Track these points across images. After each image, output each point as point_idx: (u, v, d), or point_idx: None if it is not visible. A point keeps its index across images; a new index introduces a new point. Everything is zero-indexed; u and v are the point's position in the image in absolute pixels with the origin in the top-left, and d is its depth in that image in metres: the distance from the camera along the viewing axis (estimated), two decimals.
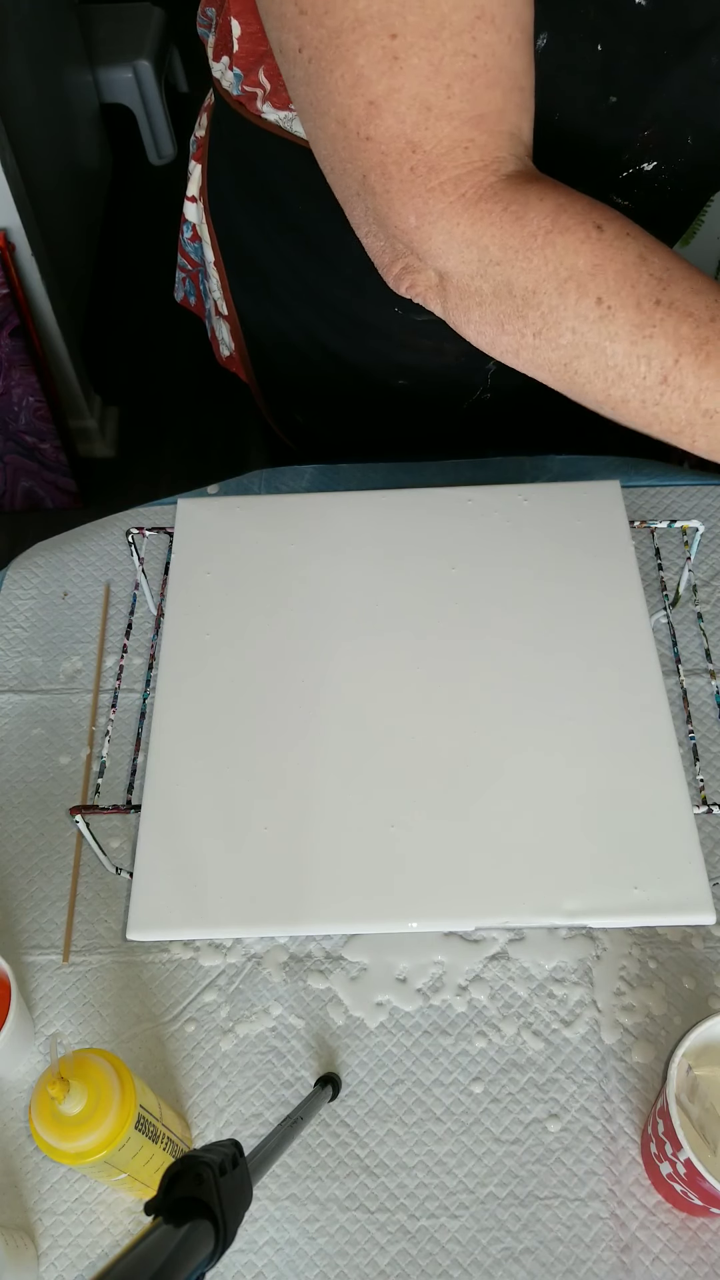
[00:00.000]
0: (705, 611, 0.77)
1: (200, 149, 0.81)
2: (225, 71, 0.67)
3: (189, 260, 0.89)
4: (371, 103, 0.44)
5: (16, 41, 1.79)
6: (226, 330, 0.87)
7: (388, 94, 0.44)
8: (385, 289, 0.68)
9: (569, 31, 0.52)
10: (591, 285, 0.44)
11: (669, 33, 0.53)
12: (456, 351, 0.76)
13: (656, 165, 0.60)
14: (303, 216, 0.71)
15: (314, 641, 0.64)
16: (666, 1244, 0.56)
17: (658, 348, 0.45)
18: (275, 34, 0.48)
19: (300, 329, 0.81)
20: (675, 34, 0.53)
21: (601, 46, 0.52)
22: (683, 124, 0.58)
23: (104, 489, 1.99)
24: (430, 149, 0.45)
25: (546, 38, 0.51)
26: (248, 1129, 0.60)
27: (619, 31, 0.52)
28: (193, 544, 0.69)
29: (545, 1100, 0.60)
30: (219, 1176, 0.37)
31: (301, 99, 0.48)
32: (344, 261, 0.71)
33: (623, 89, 0.55)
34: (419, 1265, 0.56)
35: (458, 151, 0.45)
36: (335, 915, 0.54)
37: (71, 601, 0.82)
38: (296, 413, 0.90)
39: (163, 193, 2.54)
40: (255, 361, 0.87)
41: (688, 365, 0.45)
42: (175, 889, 0.55)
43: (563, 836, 0.55)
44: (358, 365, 0.80)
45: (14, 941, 0.67)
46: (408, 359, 0.78)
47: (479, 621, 0.64)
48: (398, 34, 0.43)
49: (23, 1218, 0.58)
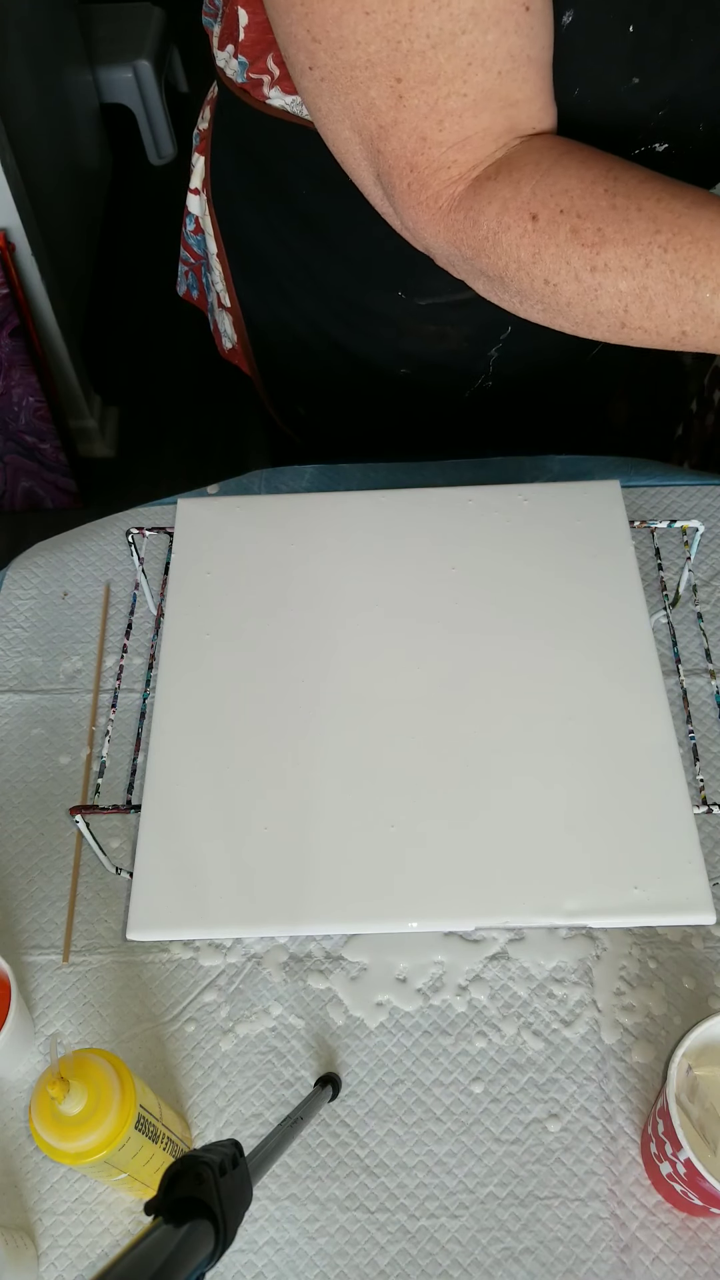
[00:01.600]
0: (705, 611, 0.77)
1: (203, 141, 0.81)
2: (230, 60, 0.68)
3: (192, 253, 0.89)
4: (382, 127, 0.52)
5: (16, 41, 1.78)
6: (229, 323, 0.87)
7: (394, 124, 0.52)
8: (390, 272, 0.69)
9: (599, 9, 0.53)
10: (536, 270, 0.52)
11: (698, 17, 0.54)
12: (459, 336, 0.77)
13: (668, 147, 0.61)
14: (308, 202, 0.72)
15: (314, 641, 0.64)
16: (666, 1244, 0.56)
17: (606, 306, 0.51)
18: (285, 46, 0.54)
19: (303, 319, 0.81)
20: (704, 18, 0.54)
21: (633, 28, 0.54)
22: (696, 109, 0.59)
23: (104, 489, 1.99)
24: (423, 169, 0.53)
25: (572, 14, 0.53)
26: (248, 1129, 0.60)
27: (651, 14, 0.54)
28: (193, 544, 0.69)
29: (545, 1100, 0.60)
30: (219, 1176, 0.37)
31: (312, 102, 0.55)
32: (349, 246, 0.72)
33: (647, 71, 0.56)
34: (419, 1265, 0.56)
35: (442, 172, 0.53)
36: (335, 915, 0.54)
37: (71, 601, 0.82)
38: (299, 404, 0.90)
39: (163, 192, 2.54)
40: (258, 353, 0.87)
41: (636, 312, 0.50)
42: (175, 889, 0.55)
43: (562, 836, 0.55)
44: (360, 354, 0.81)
45: (14, 941, 0.67)
46: (411, 346, 0.78)
47: (479, 621, 0.64)
48: (402, 79, 0.50)
49: (23, 1218, 0.58)
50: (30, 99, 1.85)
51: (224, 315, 0.87)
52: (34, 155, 1.78)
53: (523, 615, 0.64)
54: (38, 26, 1.93)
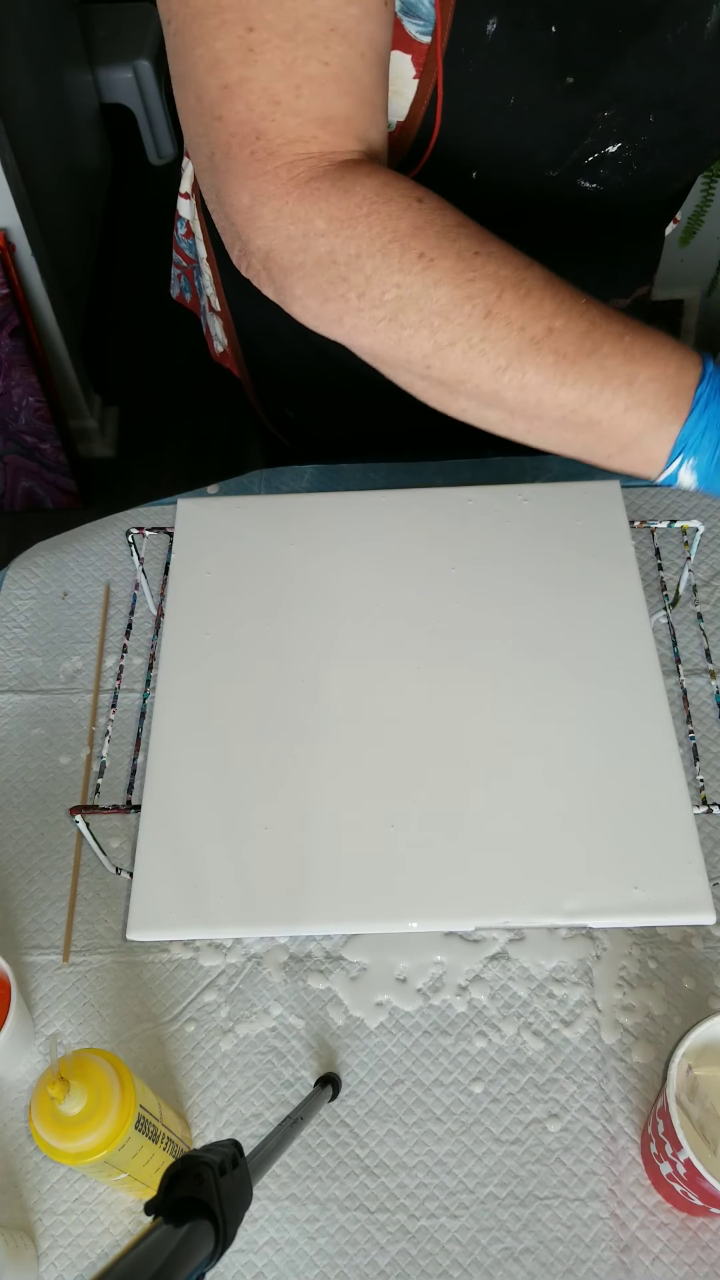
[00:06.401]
0: (705, 611, 0.77)
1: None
2: None
3: (184, 256, 0.89)
4: (225, 86, 0.46)
5: (16, 41, 1.78)
6: (220, 326, 0.87)
7: (240, 82, 0.46)
8: None
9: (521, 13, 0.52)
10: (414, 243, 0.47)
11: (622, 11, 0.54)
12: None
13: (621, 146, 0.60)
14: None
15: (314, 641, 0.64)
16: (666, 1244, 0.56)
17: (480, 288, 0.47)
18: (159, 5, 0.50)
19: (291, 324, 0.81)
20: (628, 12, 0.54)
21: (555, 28, 0.53)
22: (643, 103, 0.58)
23: (104, 489, 1.99)
24: (273, 138, 0.47)
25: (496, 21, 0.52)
26: (248, 1129, 0.60)
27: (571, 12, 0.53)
28: (193, 544, 0.69)
29: (545, 1100, 0.60)
30: (219, 1176, 0.37)
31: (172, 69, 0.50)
32: None
33: (579, 69, 0.55)
34: (419, 1265, 0.56)
35: (299, 144, 0.47)
36: (335, 915, 0.54)
37: (71, 601, 0.82)
38: (288, 408, 0.90)
39: (163, 192, 2.54)
40: (248, 357, 0.87)
41: (510, 298, 0.47)
42: (175, 889, 0.55)
43: (563, 836, 0.55)
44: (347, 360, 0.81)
45: (14, 941, 0.67)
46: None
47: (478, 621, 0.64)
48: (254, 28, 0.45)
49: (23, 1218, 0.58)
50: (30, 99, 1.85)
51: (215, 319, 0.87)
52: (34, 155, 1.78)
53: (523, 615, 0.64)
54: (38, 26, 1.93)
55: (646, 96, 0.58)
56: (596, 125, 0.59)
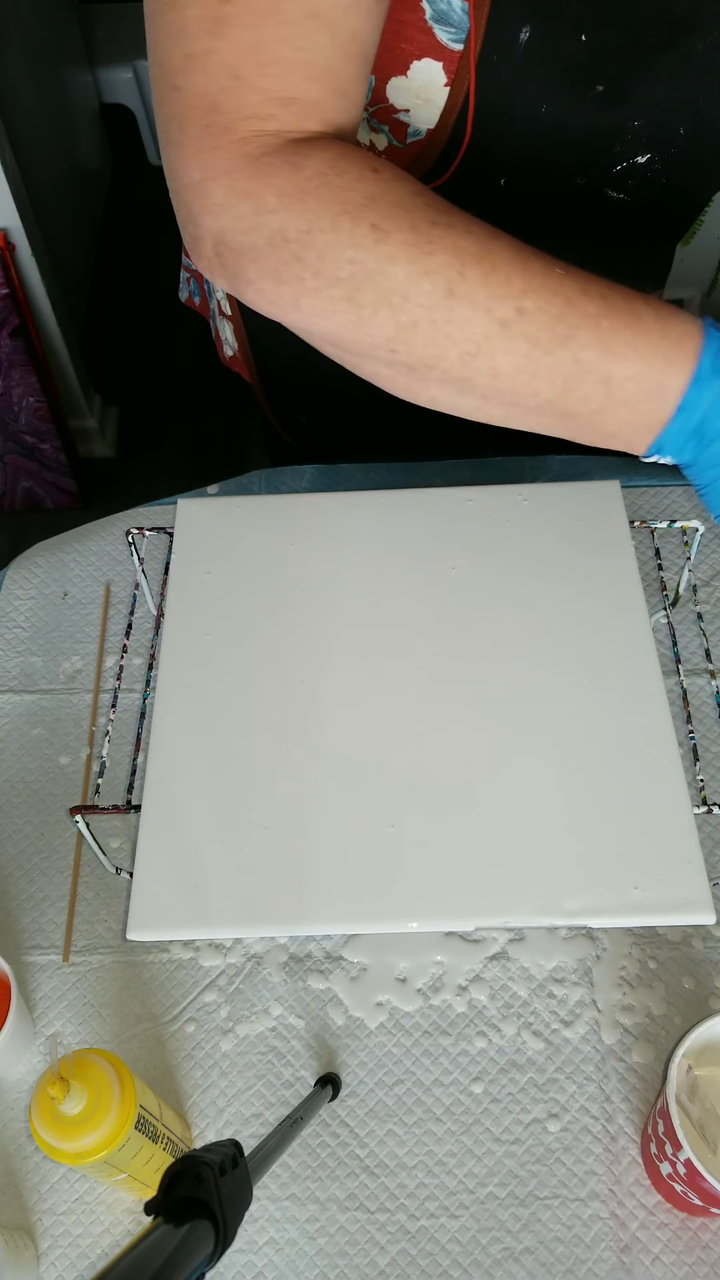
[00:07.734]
0: (705, 611, 0.77)
1: None
2: None
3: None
4: (188, 55, 0.44)
5: (16, 41, 1.78)
6: (230, 331, 0.87)
7: (205, 53, 0.44)
8: None
9: (552, 22, 0.52)
10: (365, 214, 0.44)
11: (652, 21, 0.54)
12: None
13: (650, 157, 0.60)
14: None
15: (313, 641, 0.64)
16: (666, 1244, 0.56)
17: (439, 262, 0.44)
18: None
19: None
20: (658, 22, 0.54)
21: (585, 37, 0.53)
22: (673, 114, 0.58)
23: (104, 489, 1.99)
24: (229, 112, 0.45)
25: (530, 29, 0.52)
26: (248, 1129, 0.60)
27: (601, 21, 0.53)
28: (193, 544, 0.69)
29: (545, 1100, 0.60)
30: (219, 1176, 0.37)
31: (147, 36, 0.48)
32: None
33: (609, 78, 0.55)
34: (419, 1265, 0.56)
35: (255, 120, 0.45)
36: (335, 915, 0.54)
37: (71, 601, 0.82)
38: (299, 413, 0.89)
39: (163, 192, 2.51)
40: (258, 362, 0.87)
41: (474, 275, 0.44)
42: (175, 889, 0.55)
43: (563, 836, 0.55)
44: None
45: (14, 941, 0.67)
46: None
47: (479, 621, 0.64)
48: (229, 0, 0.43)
49: (23, 1218, 0.58)
50: (30, 99, 1.84)
51: (225, 323, 0.87)
52: (34, 155, 1.78)
53: (523, 615, 0.64)
54: (38, 26, 1.93)
55: (676, 107, 0.58)
56: (626, 135, 0.58)
